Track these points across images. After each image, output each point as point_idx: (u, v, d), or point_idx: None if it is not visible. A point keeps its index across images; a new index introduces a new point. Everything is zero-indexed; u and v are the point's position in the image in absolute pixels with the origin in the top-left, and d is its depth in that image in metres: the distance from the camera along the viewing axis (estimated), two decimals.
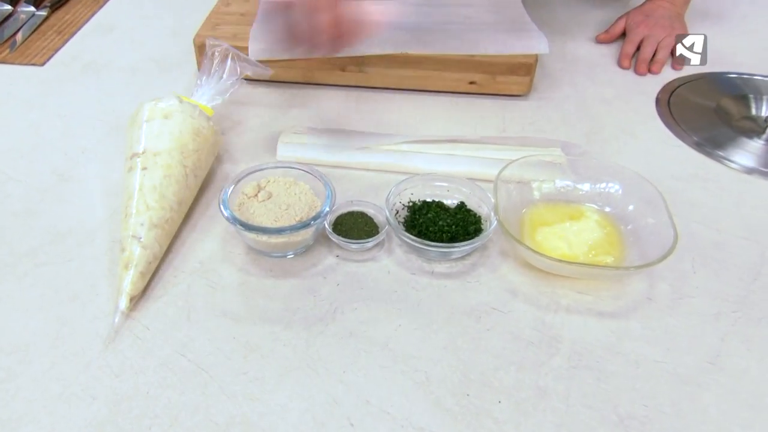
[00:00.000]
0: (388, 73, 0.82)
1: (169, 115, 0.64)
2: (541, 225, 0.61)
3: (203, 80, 0.72)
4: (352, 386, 0.49)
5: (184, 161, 0.62)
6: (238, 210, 0.60)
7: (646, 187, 0.59)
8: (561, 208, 0.63)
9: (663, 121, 0.80)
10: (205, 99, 0.71)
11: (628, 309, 0.56)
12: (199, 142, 0.64)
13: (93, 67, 0.88)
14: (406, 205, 0.64)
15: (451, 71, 0.82)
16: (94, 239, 0.61)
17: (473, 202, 0.63)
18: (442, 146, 0.72)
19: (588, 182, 0.64)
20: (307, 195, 0.62)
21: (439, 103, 0.82)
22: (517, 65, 0.80)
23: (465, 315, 0.55)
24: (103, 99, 0.81)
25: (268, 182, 0.63)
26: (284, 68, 0.81)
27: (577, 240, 0.59)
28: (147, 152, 0.61)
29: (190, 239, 0.62)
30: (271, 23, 0.80)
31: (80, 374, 0.50)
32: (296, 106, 0.80)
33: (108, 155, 0.72)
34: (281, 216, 0.59)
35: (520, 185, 0.63)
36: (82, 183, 0.68)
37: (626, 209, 0.60)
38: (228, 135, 0.75)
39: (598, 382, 0.50)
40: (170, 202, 0.60)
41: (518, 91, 0.83)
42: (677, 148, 0.76)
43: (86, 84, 0.84)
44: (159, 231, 0.58)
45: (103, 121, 0.77)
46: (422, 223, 0.61)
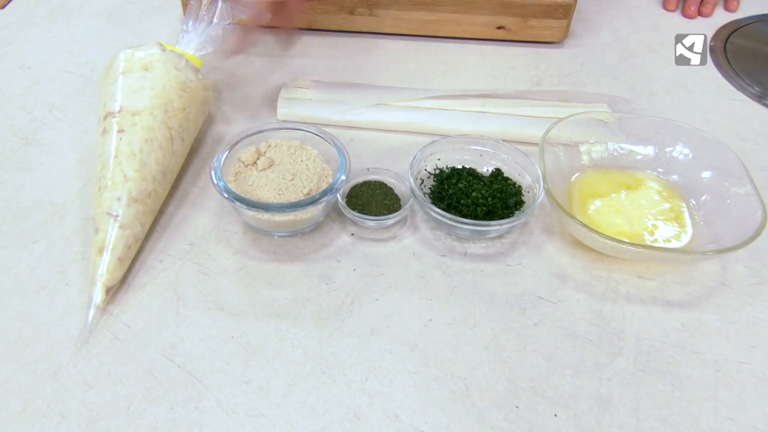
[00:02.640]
0: (403, 16, 0.71)
1: (149, 67, 0.53)
2: (593, 196, 0.52)
3: (189, 25, 0.61)
4: (377, 397, 0.41)
5: (168, 122, 0.52)
6: (234, 181, 0.50)
7: (722, 150, 0.50)
8: (615, 176, 0.53)
9: (720, 71, 0.70)
10: (193, 47, 0.60)
11: (699, 297, 0.47)
12: (186, 98, 0.54)
13: (61, 10, 0.76)
14: (432, 173, 0.55)
15: (476, 14, 0.70)
16: (63, 216, 0.52)
17: (511, 169, 0.54)
18: (469, 102, 0.62)
19: (646, 145, 0.54)
20: (316, 162, 0.52)
21: (462, 53, 0.71)
22: (553, 6, 0.69)
23: (507, 306, 0.46)
24: (73, 48, 0.70)
25: (269, 147, 0.53)
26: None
27: (637, 214, 0.50)
28: (124, 111, 0.51)
29: (177, 216, 0.52)
30: None
31: (46, 385, 0.41)
32: (298, 56, 0.69)
33: (80, 114, 0.62)
34: (286, 188, 0.49)
35: (568, 149, 0.54)
36: (49, 148, 0.58)
37: (697, 178, 0.51)
38: (221, 90, 0.65)
39: (672, 389, 0.42)
40: (153, 172, 0.50)
41: (553, 38, 0.72)
42: (739, 103, 0.66)
43: (53, 31, 0.73)
44: (140, 207, 0.48)
45: (74, 74, 0.67)
46: (452, 194, 0.51)
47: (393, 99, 0.62)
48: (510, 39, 0.72)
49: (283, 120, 0.61)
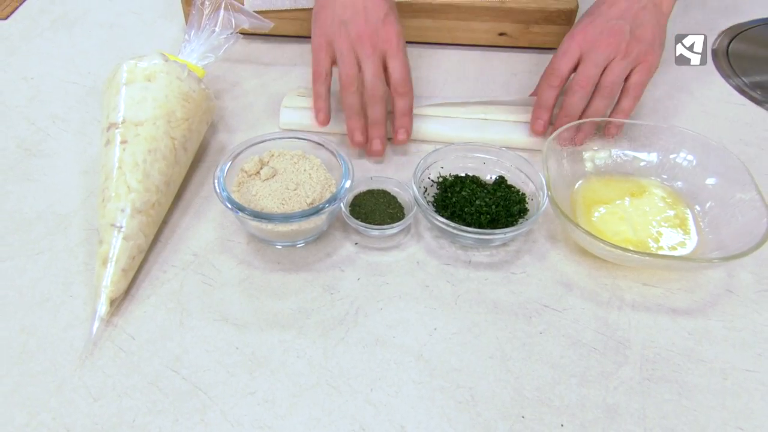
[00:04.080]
0: (406, 23, 0.71)
1: (152, 77, 0.53)
2: (596, 203, 0.52)
3: (192, 35, 0.61)
4: (382, 408, 0.41)
5: (171, 132, 0.52)
6: (237, 191, 0.50)
7: (727, 157, 0.50)
8: (619, 183, 0.53)
9: (722, 75, 0.70)
10: (195, 57, 0.60)
11: (705, 304, 0.47)
12: (188, 108, 0.54)
13: (64, 21, 0.76)
14: (435, 181, 0.54)
15: (477, 21, 0.71)
16: (67, 227, 0.52)
17: (514, 177, 0.54)
18: (472, 109, 0.62)
19: (650, 151, 0.54)
20: (319, 171, 0.52)
21: (464, 59, 0.71)
22: (555, 12, 0.69)
23: (512, 315, 0.46)
24: (75, 58, 0.70)
25: (271, 156, 0.53)
26: (285, 20, 0.70)
27: (641, 221, 0.50)
28: (127, 122, 0.51)
29: (180, 226, 0.52)
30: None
31: (51, 398, 0.41)
32: (300, 65, 0.69)
33: (83, 124, 0.62)
34: (289, 198, 0.49)
35: (572, 156, 0.54)
36: (52, 158, 0.58)
37: (702, 184, 0.50)
38: (223, 99, 0.65)
39: (679, 398, 0.41)
40: (156, 183, 0.50)
41: (555, 44, 0.71)
42: (741, 107, 0.66)
43: (56, 41, 0.73)
44: (143, 218, 0.48)
45: (77, 84, 0.67)
46: (456, 202, 0.51)
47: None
48: (512, 45, 0.72)
49: (286, 129, 0.61)
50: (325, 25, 0.56)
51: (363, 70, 0.55)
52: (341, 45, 0.55)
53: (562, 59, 0.56)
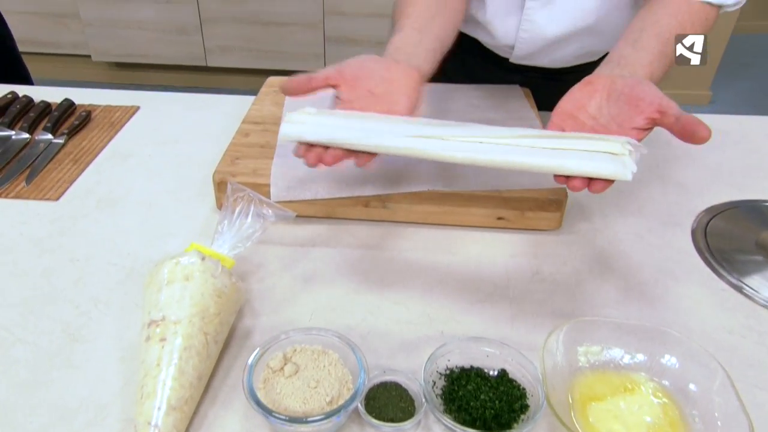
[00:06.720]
0: (413, 209, 0.80)
1: (190, 277, 0.60)
2: (592, 400, 0.56)
3: (224, 227, 0.69)
4: None
5: (204, 328, 0.58)
6: (263, 388, 0.55)
7: (708, 362, 0.55)
8: (611, 378, 0.58)
9: (702, 258, 0.77)
10: (226, 248, 0.67)
11: None
12: (221, 304, 0.60)
13: (108, 200, 0.85)
14: (442, 373, 0.60)
15: (477, 207, 0.79)
16: (105, 418, 0.56)
17: (515, 370, 0.59)
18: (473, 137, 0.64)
19: (637, 352, 0.59)
20: (337, 367, 0.57)
21: (466, 240, 0.79)
22: (546, 201, 0.77)
23: None
24: (117, 238, 0.78)
25: (294, 351, 0.58)
26: (306, 205, 0.79)
27: (634, 420, 0.54)
28: (166, 320, 0.57)
29: (208, 417, 0.57)
30: (291, 162, 0.78)
31: None
32: (320, 245, 0.77)
33: (122, 308, 0.68)
34: (310, 396, 0.54)
35: (568, 351, 0.59)
36: (93, 344, 0.64)
37: (686, 389, 0.55)
38: (248, 281, 0.72)
39: None
40: (190, 378, 0.55)
41: (548, 227, 0.80)
42: (723, 293, 0.72)
43: (101, 220, 0.81)
44: (177, 415, 0.53)
45: (117, 265, 0.74)
46: (462, 396, 0.56)
47: (401, 132, 0.64)
48: (509, 227, 0.80)
49: (284, 140, 0.65)
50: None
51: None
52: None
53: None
